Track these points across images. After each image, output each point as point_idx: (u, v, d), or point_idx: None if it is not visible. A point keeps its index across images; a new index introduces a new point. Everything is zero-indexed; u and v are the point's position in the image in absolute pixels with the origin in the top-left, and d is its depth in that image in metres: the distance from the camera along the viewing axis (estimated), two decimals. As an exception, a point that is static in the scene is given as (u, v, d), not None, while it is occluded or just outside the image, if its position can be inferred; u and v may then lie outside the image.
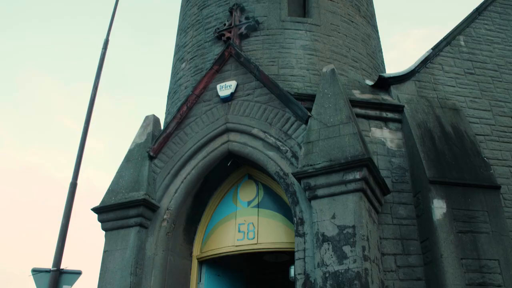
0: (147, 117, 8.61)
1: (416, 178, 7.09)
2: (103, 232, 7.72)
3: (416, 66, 8.47)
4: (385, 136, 7.60)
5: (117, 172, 8.12)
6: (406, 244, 6.73)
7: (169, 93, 10.10)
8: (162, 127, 8.63)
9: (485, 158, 7.42)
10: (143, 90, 47.29)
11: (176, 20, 11.79)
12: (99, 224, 7.78)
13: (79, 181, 9.18)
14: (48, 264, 10.68)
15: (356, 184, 6.14)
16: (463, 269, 6.22)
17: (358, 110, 7.60)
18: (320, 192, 6.28)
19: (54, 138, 43.16)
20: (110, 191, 7.87)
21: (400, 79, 8.25)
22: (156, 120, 8.58)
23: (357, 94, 7.97)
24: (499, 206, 6.85)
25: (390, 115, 7.78)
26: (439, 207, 6.59)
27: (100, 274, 7.35)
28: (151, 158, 7.98)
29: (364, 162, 6.16)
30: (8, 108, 41.04)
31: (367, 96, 7.94)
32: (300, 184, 6.47)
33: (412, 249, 6.70)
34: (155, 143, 8.03)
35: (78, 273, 10.72)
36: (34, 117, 42.29)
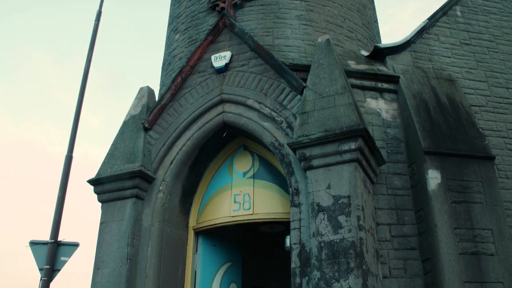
0: (141, 88, 8.55)
1: (411, 149, 7.10)
2: (100, 205, 7.74)
3: (412, 37, 8.41)
4: (380, 106, 7.58)
5: (112, 144, 8.09)
6: (400, 214, 6.77)
7: (163, 64, 10.03)
8: (156, 99, 8.58)
9: (480, 129, 7.44)
10: (137, 63, 46.97)
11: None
12: (96, 196, 7.80)
13: (74, 155, 9.18)
14: (46, 237, 10.75)
15: (351, 155, 6.14)
16: (456, 239, 6.29)
17: (354, 81, 7.57)
18: (315, 162, 6.28)
19: (49, 113, 43.04)
20: (106, 163, 7.86)
21: (395, 49, 8.20)
22: (150, 91, 8.52)
23: (353, 65, 7.92)
24: (493, 177, 6.89)
25: (385, 85, 7.75)
26: (433, 178, 6.62)
27: (97, 245, 7.39)
28: (146, 129, 7.95)
29: (359, 133, 6.15)
30: (2, 83, 40.76)
31: (362, 67, 7.90)
32: (295, 155, 6.47)
33: (407, 219, 6.75)
34: (149, 114, 7.99)
35: (76, 245, 10.78)
36: (28, 92, 42.10)
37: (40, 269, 10.34)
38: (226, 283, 7.99)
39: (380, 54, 8.21)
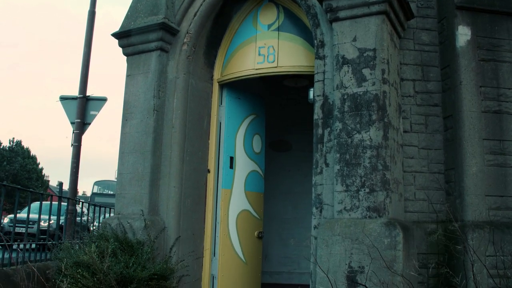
0: None
1: (443, 4, 6.82)
2: (125, 59, 7.82)
3: None
4: (413, -42, 7.17)
5: (135, -4, 7.96)
6: (426, 70, 6.69)
7: None
8: (178, -51, 8.22)
9: (518, -16, 7.07)
10: None
11: None
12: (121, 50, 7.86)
13: (98, 15, 9.12)
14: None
15: (379, 6, 5.92)
16: (480, 97, 6.27)
17: None
18: (342, 14, 6.11)
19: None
20: (129, 16, 7.79)
21: None
22: None
23: None
24: (526, 35, 6.66)
25: None
26: (463, 34, 6.42)
27: (125, 98, 7.59)
28: (169, -20, 7.73)
29: (389, -17, 5.91)
30: None
31: None
32: (322, 6, 6.27)
33: (432, 75, 6.69)
34: (171, -36, 7.72)
35: (104, 99, 11.17)
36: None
37: (72, 123, 10.85)
38: (250, 134, 8.22)
39: None
